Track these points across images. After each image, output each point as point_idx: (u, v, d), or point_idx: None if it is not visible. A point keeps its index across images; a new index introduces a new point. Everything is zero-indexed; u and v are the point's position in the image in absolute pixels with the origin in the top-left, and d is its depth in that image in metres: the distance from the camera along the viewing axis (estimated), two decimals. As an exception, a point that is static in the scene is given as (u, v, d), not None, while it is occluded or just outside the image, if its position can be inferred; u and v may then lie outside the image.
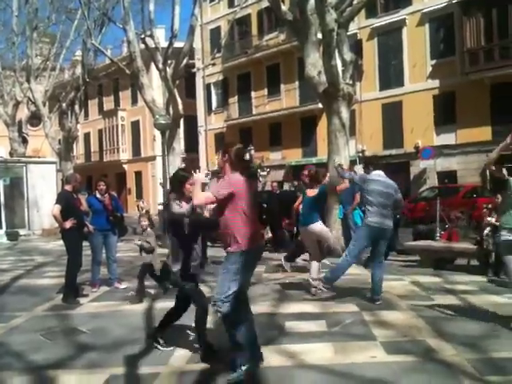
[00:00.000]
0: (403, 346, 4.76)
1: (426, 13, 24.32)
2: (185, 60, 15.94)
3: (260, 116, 30.65)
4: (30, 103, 25.40)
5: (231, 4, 31.42)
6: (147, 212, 8.74)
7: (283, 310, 6.27)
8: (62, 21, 24.20)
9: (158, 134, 19.63)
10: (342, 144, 11.42)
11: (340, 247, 8.02)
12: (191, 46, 17.13)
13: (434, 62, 24.31)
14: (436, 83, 24.11)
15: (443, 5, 23.66)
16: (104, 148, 39.23)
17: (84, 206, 7.63)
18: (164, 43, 18.35)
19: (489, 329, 5.23)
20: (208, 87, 34.16)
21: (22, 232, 18.46)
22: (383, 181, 6.63)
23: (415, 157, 23.30)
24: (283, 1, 13.62)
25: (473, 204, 15.83)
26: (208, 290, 6.09)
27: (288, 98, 29.59)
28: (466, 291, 7.13)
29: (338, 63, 11.47)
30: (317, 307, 6.35)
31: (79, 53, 25.43)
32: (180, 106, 15.72)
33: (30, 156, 24.40)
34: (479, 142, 21.64)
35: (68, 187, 7.44)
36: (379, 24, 25.87)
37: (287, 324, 5.61)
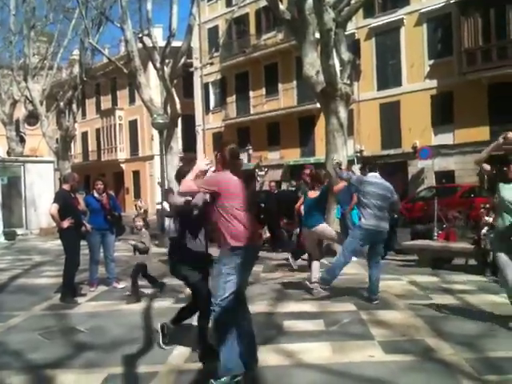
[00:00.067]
0: (401, 346, 4.77)
1: (424, 13, 24.35)
2: (183, 59, 15.90)
3: (258, 115, 30.63)
4: (28, 102, 25.30)
5: (229, 3, 31.37)
6: (145, 212, 8.75)
7: (281, 310, 6.28)
8: (60, 20, 24.19)
9: (156, 134, 19.65)
10: (340, 144, 11.41)
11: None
12: (189, 46, 17.10)
13: (432, 62, 24.34)
14: (434, 83, 24.14)
15: (441, 5, 23.69)
16: (102, 147, 39.20)
17: (82, 206, 7.61)
18: (162, 42, 18.34)
19: (486, 328, 5.24)
20: (206, 86, 34.15)
21: (20, 231, 18.37)
22: (380, 183, 6.63)
23: (413, 157, 23.27)
24: (281, 0, 13.61)
25: (470, 204, 15.87)
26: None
27: (286, 98, 29.57)
28: (464, 291, 7.15)
29: (336, 63, 11.44)
30: (315, 306, 6.36)
31: (77, 52, 25.45)
32: (178, 106, 15.69)
33: (28, 155, 24.37)
34: (477, 142, 21.54)
35: (66, 186, 7.43)
36: (377, 24, 25.89)
37: (285, 323, 5.62)
